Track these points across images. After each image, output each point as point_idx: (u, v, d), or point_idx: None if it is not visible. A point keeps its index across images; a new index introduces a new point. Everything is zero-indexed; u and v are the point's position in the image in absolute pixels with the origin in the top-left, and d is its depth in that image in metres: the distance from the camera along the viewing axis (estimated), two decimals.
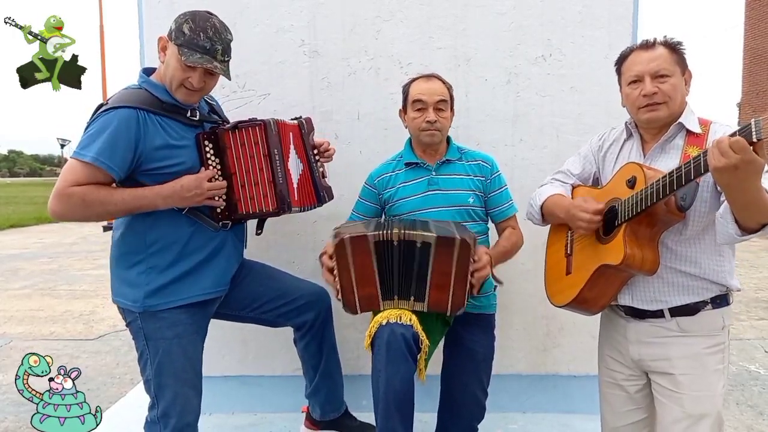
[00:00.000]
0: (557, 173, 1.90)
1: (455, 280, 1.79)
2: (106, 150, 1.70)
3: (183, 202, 1.81)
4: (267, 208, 1.92)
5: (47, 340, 4.73)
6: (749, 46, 19.01)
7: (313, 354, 2.19)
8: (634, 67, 1.62)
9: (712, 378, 1.56)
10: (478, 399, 2.03)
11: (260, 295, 2.10)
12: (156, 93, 1.83)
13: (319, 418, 2.27)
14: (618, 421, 1.75)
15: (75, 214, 1.74)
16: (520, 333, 2.65)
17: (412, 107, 2.05)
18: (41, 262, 8.80)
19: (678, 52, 1.61)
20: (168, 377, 1.86)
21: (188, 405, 1.90)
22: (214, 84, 1.91)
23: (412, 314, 1.81)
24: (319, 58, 2.57)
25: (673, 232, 1.57)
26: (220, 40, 1.82)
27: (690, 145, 1.56)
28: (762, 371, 3.82)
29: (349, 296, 1.84)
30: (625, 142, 1.74)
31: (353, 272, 1.82)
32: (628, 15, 2.50)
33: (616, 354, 1.73)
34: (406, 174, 2.11)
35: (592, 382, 2.59)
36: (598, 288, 1.64)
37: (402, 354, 1.73)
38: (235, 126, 1.90)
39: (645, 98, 1.58)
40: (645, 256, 1.52)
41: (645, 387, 1.70)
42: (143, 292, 1.82)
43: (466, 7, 2.52)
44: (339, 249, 1.81)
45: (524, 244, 2.12)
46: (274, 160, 1.91)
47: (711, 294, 1.58)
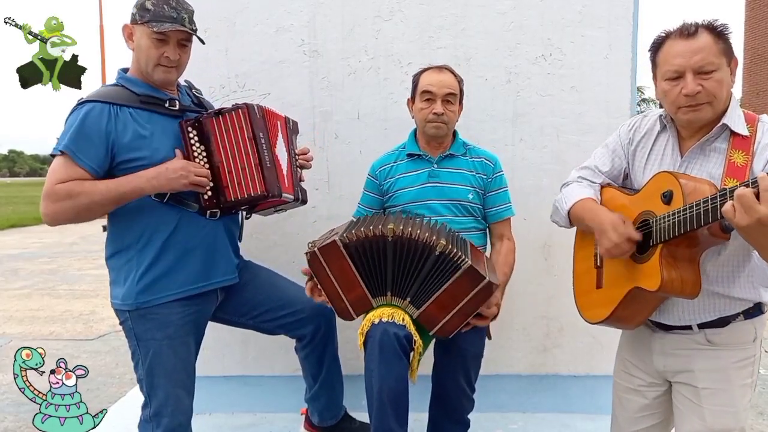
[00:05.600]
0: (583, 169, 1.70)
1: (460, 309, 1.76)
2: (78, 140, 1.71)
3: (168, 183, 1.77)
4: (255, 191, 1.86)
5: (47, 340, 4.72)
6: (749, 46, 19.03)
7: (313, 364, 2.17)
8: (673, 60, 1.38)
9: (738, 393, 1.45)
10: (466, 393, 2.03)
11: (260, 303, 2.07)
12: (131, 87, 1.82)
13: (317, 423, 2.27)
14: (631, 426, 1.65)
15: (66, 212, 1.73)
16: (520, 333, 2.65)
17: (420, 97, 2.02)
18: (41, 262, 8.79)
19: (724, 38, 1.38)
20: (159, 377, 1.85)
21: (180, 405, 1.89)
22: (187, 58, 1.90)
23: (405, 314, 1.79)
24: (319, 57, 2.56)
25: (710, 253, 1.40)
26: (184, 9, 1.84)
27: (735, 150, 1.38)
28: (762, 371, 3.81)
29: (339, 305, 1.83)
30: (659, 134, 1.54)
31: (335, 280, 1.80)
32: (628, 15, 2.50)
33: (639, 362, 1.62)
34: (407, 165, 2.09)
35: (592, 382, 2.60)
36: (632, 308, 1.50)
37: (395, 353, 1.72)
38: (218, 112, 1.86)
39: (687, 98, 1.37)
40: (684, 279, 1.36)
41: (665, 394, 1.60)
42: (133, 290, 1.81)
43: (466, 6, 2.52)
44: (313, 263, 1.81)
45: (526, 246, 2.11)
46: (260, 143, 1.87)
47: (743, 307, 1.45)
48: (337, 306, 1.84)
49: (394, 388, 1.73)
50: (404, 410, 1.77)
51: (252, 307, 2.07)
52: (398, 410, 1.75)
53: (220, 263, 1.94)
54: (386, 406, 1.73)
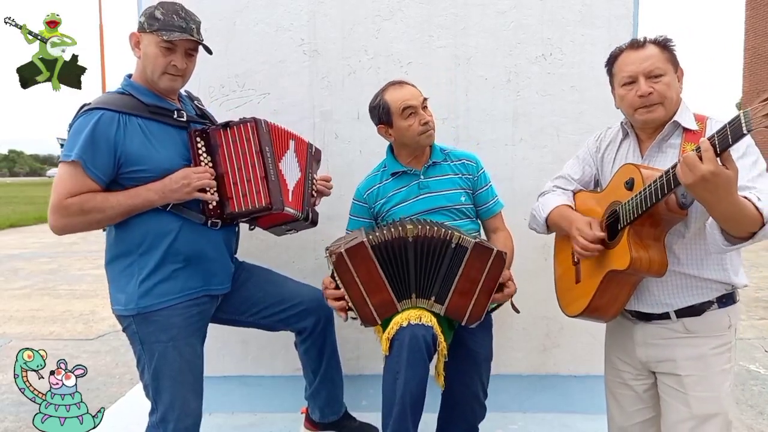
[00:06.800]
0: (557, 179, 1.88)
1: (481, 290, 1.77)
2: (88, 149, 1.71)
3: (174, 194, 1.79)
4: (260, 203, 1.89)
5: (47, 339, 4.72)
6: (749, 46, 19.03)
7: (313, 358, 2.18)
8: (626, 67, 1.59)
9: (718, 378, 1.55)
10: (479, 399, 2.02)
11: (259, 300, 2.08)
12: (139, 96, 1.83)
13: (318, 420, 2.27)
14: (626, 420, 1.74)
15: (75, 225, 1.75)
16: (520, 333, 2.65)
17: (401, 116, 1.99)
18: (41, 262, 8.80)
19: (669, 49, 1.58)
20: (165, 381, 1.85)
21: (186, 408, 1.88)
22: (193, 68, 1.92)
23: (431, 315, 1.79)
24: (319, 57, 2.56)
25: (675, 235, 1.55)
26: (192, 20, 1.86)
27: (688, 143, 1.54)
28: (762, 371, 3.81)
29: (363, 309, 1.79)
30: (622, 142, 1.72)
31: (360, 283, 1.77)
32: (628, 14, 2.50)
33: (623, 355, 1.72)
34: (394, 183, 2.09)
35: (592, 382, 2.60)
36: (608, 295, 1.62)
37: (422, 356, 1.71)
38: (226, 124, 1.90)
39: (641, 99, 1.56)
40: (652, 258, 1.50)
41: (652, 386, 1.69)
42: (134, 295, 1.81)
43: (466, 5, 2.52)
44: (339, 264, 1.76)
45: (524, 246, 2.11)
46: (266, 156, 1.90)
47: (717, 293, 1.56)
48: (361, 311, 1.79)
49: (415, 391, 1.72)
50: (420, 414, 1.77)
51: (252, 305, 2.08)
52: (416, 414, 1.75)
53: (218, 272, 1.96)
54: (407, 410, 1.72)
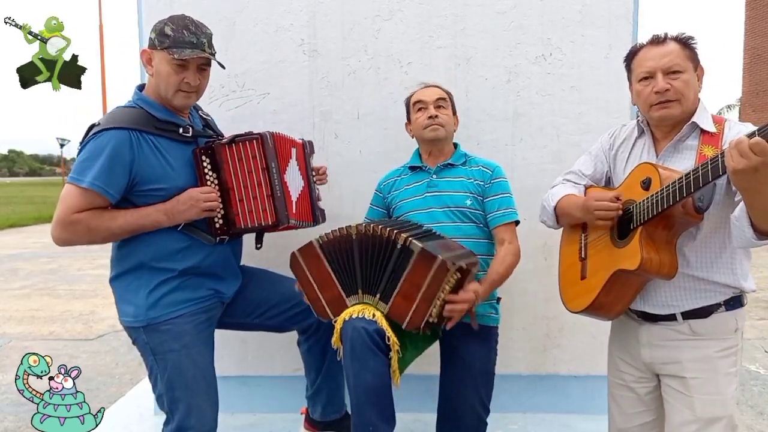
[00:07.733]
0: (568, 173, 1.85)
1: (422, 296, 1.75)
2: (102, 175, 1.69)
3: (181, 215, 1.80)
4: (266, 221, 1.91)
5: (46, 339, 4.72)
6: (749, 46, 19.04)
7: (316, 356, 2.18)
8: (645, 63, 1.56)
9: (723, 381, 1.53)
10: (477, 413, 1.98)
11: (264, 301, 2.09)
12: (151, 110, 1.82)
13: (319, 418, 2.27)
14: (626, 423, 1.72)
15: (80, 240, 1.75)
16: (520, 333, 2.65)
17: (414, 110, 2.12)
18: (41, 262, 8.80)
19: (690, 47, 1.56)
20: (180, 390, 1.84)
21: (203, 416, 1.87)
22: (206, 83, 1.91)
23: (376, 310, 1.80)
24: (319, 57, 2.56)
25: (686, 237, 1.53)
26: (203, 33, 1.84)
27: (705, 145, 1.52)
28: (762, 371, 3.82)
29: (317, 304, 1.89)
30: (637, 140, 1.69)
31: (313, 280, 1.88)
32: (628, 14, 2.50)
33: (627, 356, 1.70)
34: (409, 177, 2.17)
35: (592, 382, 2.60)
36: (614, 293, 1.59)
37: (367, 348, 1.71)
38: (231, 140, 1.88)
39: (657, 95, 1.53)
40: (662, 260, 1.48)
41: (655, 389, 1.67)
42: (143, 306, 1.81)
43: (465, 6, 2.52)
44: (294, 265, 1.89)
45: (525, 245, 2.10)
46: (272, 173, 1.90)
47: (724, 297, 1.54)
48: (316, 307, 1.89)
49: (371, 382, 1.71)
50: (387, 405, 1.76)
51: (257, 306, 2.09)
52: (380, 405, 1.73)
53: (226, 278, 1.98)
54: (364, 402, 1.73)
